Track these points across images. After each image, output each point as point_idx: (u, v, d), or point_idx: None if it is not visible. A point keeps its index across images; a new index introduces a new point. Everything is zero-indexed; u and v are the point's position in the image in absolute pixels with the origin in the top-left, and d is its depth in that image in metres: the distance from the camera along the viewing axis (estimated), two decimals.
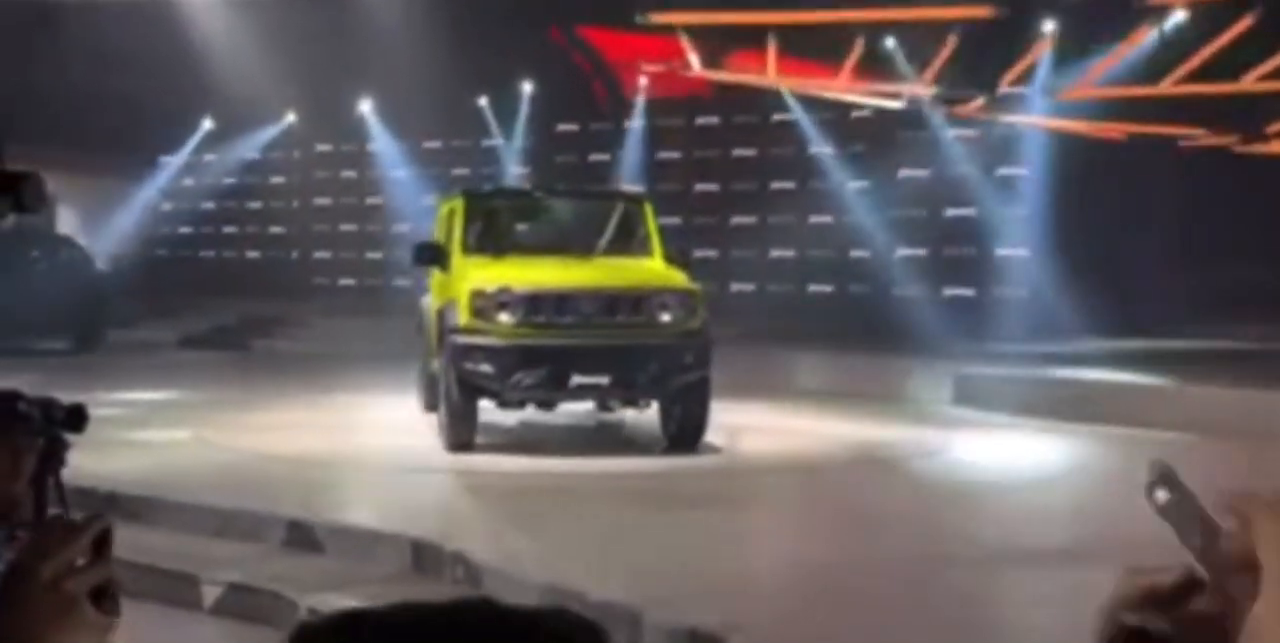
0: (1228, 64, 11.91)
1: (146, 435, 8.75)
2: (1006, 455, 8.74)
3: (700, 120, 18.35)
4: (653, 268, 8.79)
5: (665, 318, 8.27)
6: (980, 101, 13.73)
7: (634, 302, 8.27)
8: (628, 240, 9.17)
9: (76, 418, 3.16)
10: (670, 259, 8.93)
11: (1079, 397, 10.25)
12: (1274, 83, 11.70)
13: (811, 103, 16.26)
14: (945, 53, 12.63)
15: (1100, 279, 14.90)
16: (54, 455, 2.95)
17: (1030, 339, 14.24)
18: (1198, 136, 13.50)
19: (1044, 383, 10.85)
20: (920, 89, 13.89)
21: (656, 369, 8.16)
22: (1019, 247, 16.32)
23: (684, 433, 8.47)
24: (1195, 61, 11.94)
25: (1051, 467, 8.36)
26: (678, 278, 8.56)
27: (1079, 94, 13.18)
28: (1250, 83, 11.77)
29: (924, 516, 6.77)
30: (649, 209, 9.29)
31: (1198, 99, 12.65)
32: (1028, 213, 16.18)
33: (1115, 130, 14.14)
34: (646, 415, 8.82)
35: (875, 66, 14.19)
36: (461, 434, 8.33)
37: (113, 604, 1.16)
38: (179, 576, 5.75)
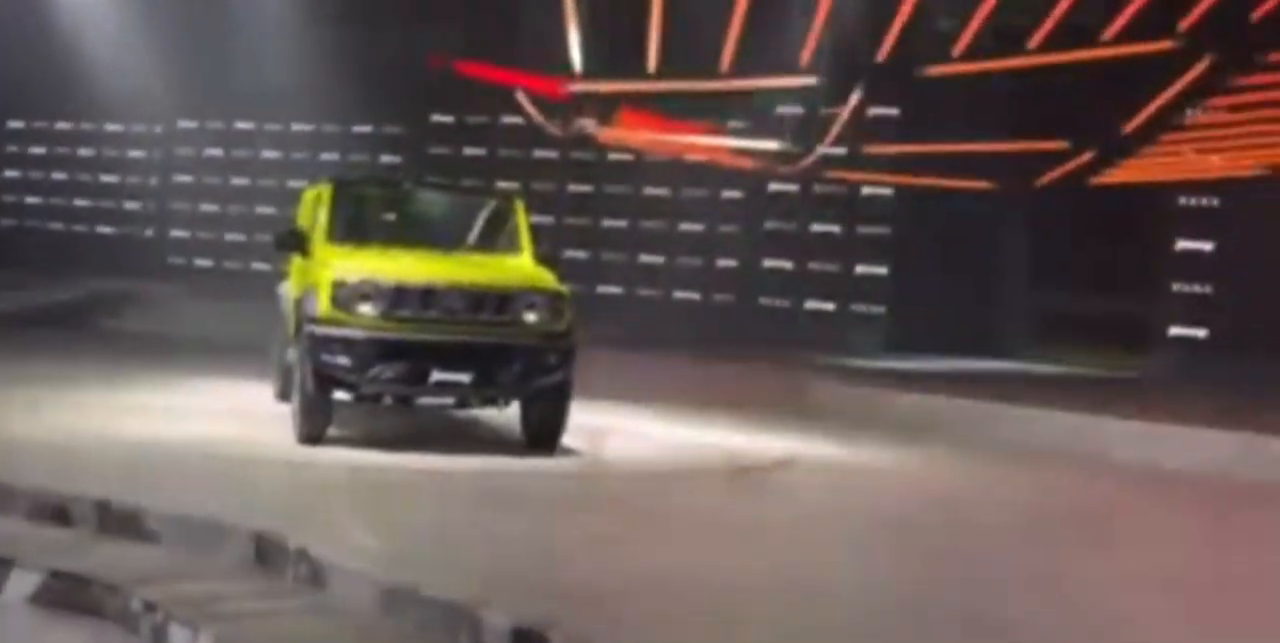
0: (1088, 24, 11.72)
1: None
2: (850, 467, 8.93)
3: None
4: (521, 267, 8.71)
5: (531, 318, 8.18)
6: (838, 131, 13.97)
7: (500, 300, 8.16)
8: (498, 238, 9.07)
9: None
10: (540, 259, 8.86)
11: (921, 414, 10.73)
12: (1136, 45, 11.57)
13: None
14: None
15: (954, 301, 15.45)
16: None
17: (885, 355, 14.66)
18: (1057, 152, 13.48)
19: (891, 399, 11.21)
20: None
21: (519, 369, 8.08)
22: (879, 265, 16.77)
23: (543, 434, 8.42)
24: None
25: (888, 479, 8.59)
26: (546, 279, 8.49)
27: (947, 70, 13.04)
28: (1108, 45, 11.63)
29: (770, 523, 6.85)
30: (521, 207, 9.21)
31: (1065, 73, 12.30)
32: (889, 233, 16.65)
33: (975, 182, 14.37)
34: (506, 415, 8.75)
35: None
36: (314, 426, 8.14)
37: None
38: None
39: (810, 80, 13.63)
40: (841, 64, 13.45)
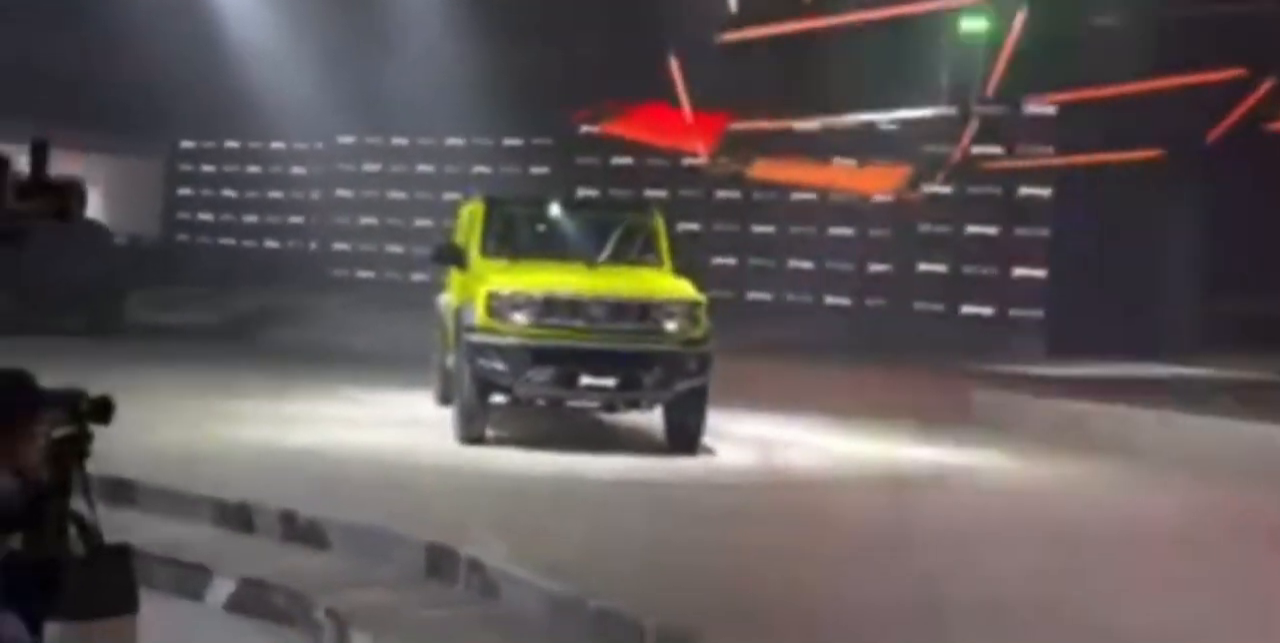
0: None
1: (155, 425, 8.78)
2: (1021, 479, 8.68)
3: None
4: (661, 278, 9.08)
5: (670, 326, 8.57)
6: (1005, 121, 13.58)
7: (641, 309, 8.60)
8: (639, 250, 9.47)
9: (103, 411, 3.33)
10: (679, 270, 9.23)
11: (1089, 422, 10.19)
12: None
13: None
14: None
15: (1118, 302, 14.88)
16: (77, 445, 3.17)
17: (1046, 360, 14.19)
18: (1231, 86, 11.96)
19: (1058, 408, 10.65)
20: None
21: (660, 374, 8.45)
22: (1038, 267, 16.30)
23: (684, 436, 8.77)
24: None
25: (1058, 492, 8.34)
26: (684, 288, 8.84)
27: None
28: None
29: (932, 539, 6.64)
30: (660, 220, 9.62)
31: None
32: (1049, 233, 16.16)
33: (1140, 151, 13.50)
34: (646, 417, 8.96)
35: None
36: (474, 428, 8.67)
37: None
38: (193, 567, 5.74)
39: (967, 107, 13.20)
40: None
